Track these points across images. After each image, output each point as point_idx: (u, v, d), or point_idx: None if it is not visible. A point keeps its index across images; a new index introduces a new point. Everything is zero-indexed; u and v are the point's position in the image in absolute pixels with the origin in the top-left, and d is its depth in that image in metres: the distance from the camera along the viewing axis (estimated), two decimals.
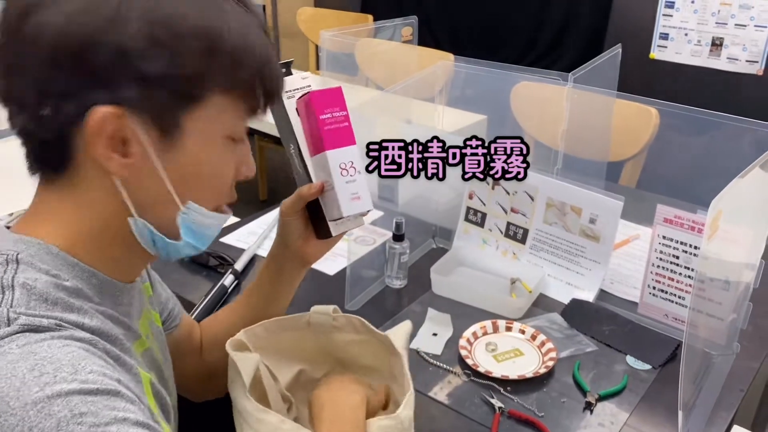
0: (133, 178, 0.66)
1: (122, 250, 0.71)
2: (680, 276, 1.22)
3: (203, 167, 0.69)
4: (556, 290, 1.36)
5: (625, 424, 1.04)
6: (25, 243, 0.65)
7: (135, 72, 0.61)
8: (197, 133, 0.66)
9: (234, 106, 0.68)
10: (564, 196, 1.34)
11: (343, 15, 3.57)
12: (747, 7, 2.83)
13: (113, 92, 0.61)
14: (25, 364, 0.54)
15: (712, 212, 0.87)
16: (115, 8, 0.60)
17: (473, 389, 1.10)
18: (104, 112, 0.61)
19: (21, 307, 0.59)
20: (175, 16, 0.62)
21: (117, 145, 0.63)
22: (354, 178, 0.89)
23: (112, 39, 0.60)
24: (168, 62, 0.62)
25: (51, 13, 0.60)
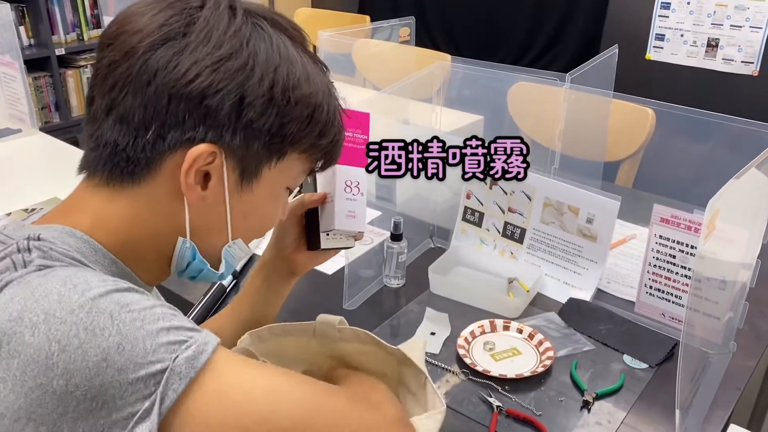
0: (201, 207, 0.70)
1: (149, 263, 0.74)
2: (677, 275, 1.22)
3: (262, 211, 0.76)
4: (554, 289, 1.37)
5: (623, 422, 1.04)
6: (46, 228, 0.67)
7: (246, 122, 0.67)
8: (269, 182, 0.73)
9: (302, 163, 0.75)
10: (561, 196, 1.34)
11: (341, 16, 3.58)
12: (742, 8, 2.84)
13: (220, 134, 0.66)
14: (54, 282, 0.58)
15: (709, 212, 0.87)
16: (244, 62, 0.66)
17: (471, 388, 1.11)
18: (205, 149, 0.66)
19: (36, 259, 0.62)
20: (293, 81, 0.68)
21: (200, 178, 0.68)
22: (355, 198, 0.93)
23: (235, 88, 0.65)
24: (275, 121, 0.68)
25: (182, 53, 0.64)
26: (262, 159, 0.70)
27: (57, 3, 4.16)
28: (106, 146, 0.67)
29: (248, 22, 0.68)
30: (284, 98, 0.68)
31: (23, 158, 2.02)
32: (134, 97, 0.65)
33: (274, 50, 0.68)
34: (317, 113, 0.71)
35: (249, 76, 0.66)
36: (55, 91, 4.21)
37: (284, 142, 0.70)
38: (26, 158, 2.04)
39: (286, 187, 0.77)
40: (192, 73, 0.64)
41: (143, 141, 0.66)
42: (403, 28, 2.36)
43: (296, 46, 0.71)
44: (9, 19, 2.12)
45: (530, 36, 3.75)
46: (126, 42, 0.66)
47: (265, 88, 0.66)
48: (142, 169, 0.67)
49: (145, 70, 0.64)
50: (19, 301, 0.57)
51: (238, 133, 0.67)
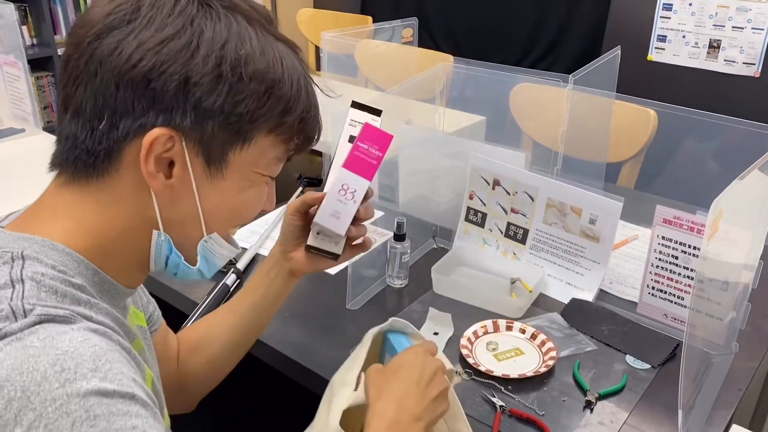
0: (170, 197, 0.69)
1: (129, 261, 0.73)
2: (679, 276, 1.23)
3: (237, 200, 0.74)
4: (556, 290, 1.37)
5: (625, 423, 1.05)
6: (27, 240, 0.66)
7: (195, 102, 0.65)
8: (239, 169, 0.71)
9: (275, 148, 0.73)
10: (564, 197, 1.35)
11: (343, 16, 3.58)
12: (744, 10, 2.84)
13: (171, 117, 0.65)
14: (47, 358, 0.55)
15: (712, 213, 0.88)
16: (188, 41, 0.65)
17: (474, 388, 1.11)
18: (160, 134, 0.65)
19: (32, 298, 0.60)
20: (242, 57, 0.66)
21: (163, 166, 0.67)
22: (346, 203, 0.95)
23: (179, 69, 0.64)
24: (228, 99, 0.66)
25: (126, 39, 0.64)
26: (225, 142, 0.68)
27: (59, 3, 4.16)
28: (68, 140, 0.68)
29: (195, 2, 0.67)
30: (234, 74, 0.66)
31: (27, 158, 2.03)
32: (84, 88, 0.65)
33: (222, 27, 0.66)
34: (276, 88, 0.69)
35: (193, 54, 0.65)
36: (57, 90, 4.22)
37: (241, 121, 0.68)
38: (29, 157, 2.04)
39: (262, 175, 0.74)
40: (135, 58, 0.64)
41: (99, 132, 0.66)
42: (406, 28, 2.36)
43: (253, 23, 0.69)
44: (13, 19, 2.12)
45: (532, 37, 3.75)
46: (76, 35, 0.67)
47: (210, 66, 0.65)
48: (103, 161, 0.67)
49: (91, 60, 0.65)
50: (8, 367, 0.55)
51: (189, 114, 0.66)
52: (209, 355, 1.02)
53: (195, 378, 1.01)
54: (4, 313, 0.58)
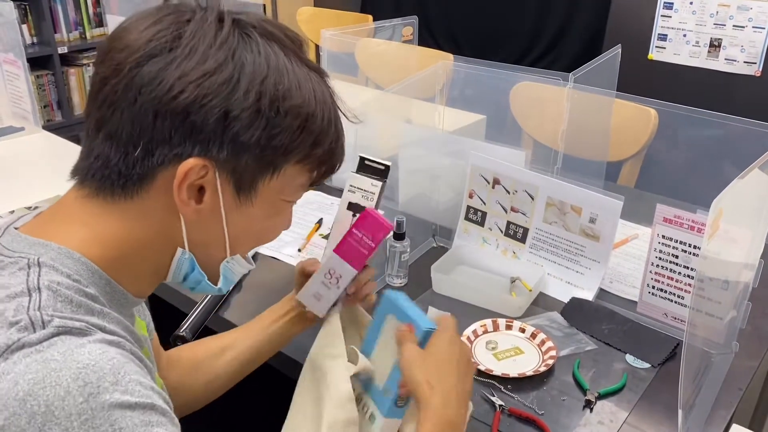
0: (197, 221, 0.70)
1: (145, 273, 0.74)
2: (679, 275, 1.22)
3: (262, 225, 0.76)
4: (556, 289, 1.37)
5: (625, 422, 1.04)
6: (44, 247, 0.67)
7: (233, 135, 0.66)
8: (266, 198, 0.72)
9: (301, 176, 0.74)
10: (564, 196, 1.35)
11: (343, 15, 3.58)
12: (745, 9, 2.84)
13: (207, 148, 0.66)
14: (69, 372, 0.56)
15: (713, 212, 0.87)
16: (230, 75, 0.65)
17: (474, 387, 1.11)
18: (195, 164, 0.66)
19: (49, 308, 0.61)
20: (281, 92, 0.67)
21: (194, 192, 0.68)
22: (330, 287, 0.97)
23: (220, 103, 0.65)
24: (264, 133, 0.67)
25: (167, 68, 0.64)
26: (256, 172, 0.70)
27: (60, 1, 4.16)
28: (98, 159, 0.67)
29: (236, 33, 0.67)
30: (272, 109, 0.67)
31: (26, 156, 2.03)
32: (122, 113, 0.65)
33: (263, 61, 0.67)
34: (309, 122, 0.70)
35: (234, 89, 0.65)
36: (57, 89, 4.22)
37: (276, 153, 0.69)
38: (29, 156, 2.04)
39: (287, 201, 0.76)
40: (177, 89, 0.64)
41: (133, 157, 0.66)
42: (406, 27, 2.36)
43: (289, 54, 0.70)
44: (12, 17, 2.12)
45: (533, 36, 3.75)
46: (114, 58, 0.66)
47: (251, 101, 0.66)
48: (134, 184, 0.67)
49: (131, 86, 0.64)
50: (30, 381, 0.56)
51: (226, 146, 0.66)
52: (207, 380, 1.03)
53: (190, 396, 1.02)
54: (23, 323, 0.59)
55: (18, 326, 0.59)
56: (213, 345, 1.06)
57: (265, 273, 1.42)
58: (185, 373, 1.02)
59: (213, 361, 1.03)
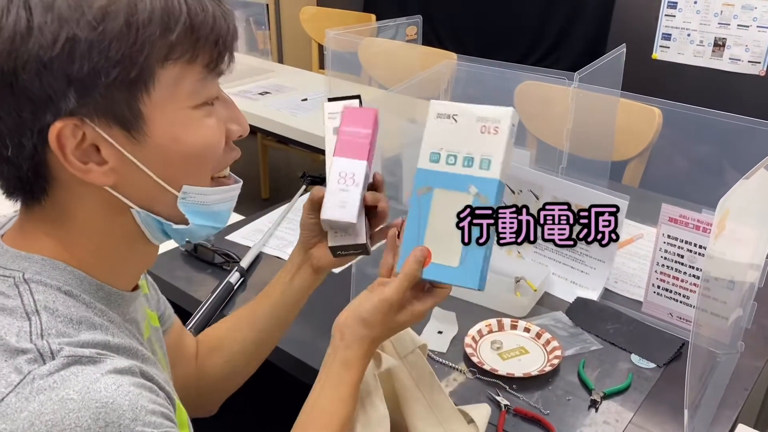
0: (117, 180, 0.63)
1: (124, 255, 0.70)
2: (685, 275, 1.22)
3: (183, 146, 0.65)
4: (561, 289, 1.37)
5: (630, 422, 1.04)
6: (27, 260, 0.64)
7: (66, 79, 0.57)
8: (161, 115, 0.63)
9: (185, 72, 0.63)
10: (569, 195, 1.34)
11: (346, 14, 3.58)
12: (750, 8, 2.83)
13: (57, 107, 0.58)
14: (88, 413, 0.55)
15: (719, 212, 0.87)
16: (13, 24, 0.56)
17: (479, 387, 1.11)
18: (59, 129, 0.59)
19: (52, 332, 0.59)
20: (79, 5, 0.57)
21: (90, 155, 0.61)
22: (348, 189, 0.89)
23: (27, 56, 0.56)
24: (92, 57, 0.57)
25: None
26: (126, 99, 0.60)
27: None
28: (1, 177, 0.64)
29: None
30: (82, 28, 0.57)
31: None
32: None
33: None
34: (133, 15, 0.58)
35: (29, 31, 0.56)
36: None
37: (125, 68, 0.59)
38: None
39: (194, 105, 0.65)
40: None
41: (14, 159, 0.60)
42: (410, 26, 2.36)
43: None
44: None
45: (536, 35, 3.75)
46: None
47: (53, 32, 0.56)
48: (36, 181, 0.62)
49: None
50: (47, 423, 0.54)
51: (72, 93, 0.58)
52: (229, 356, 0.99)
53: (214, 379, 0.99)
54: (32, 355, 0.57)
55: (26, 357, 0.56)
56: (229, 320, 1.03)
57: (269, 272, 1.42)
58: (205, 355, 1.00)
59: (231, 334, 0.99)
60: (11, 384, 0.55)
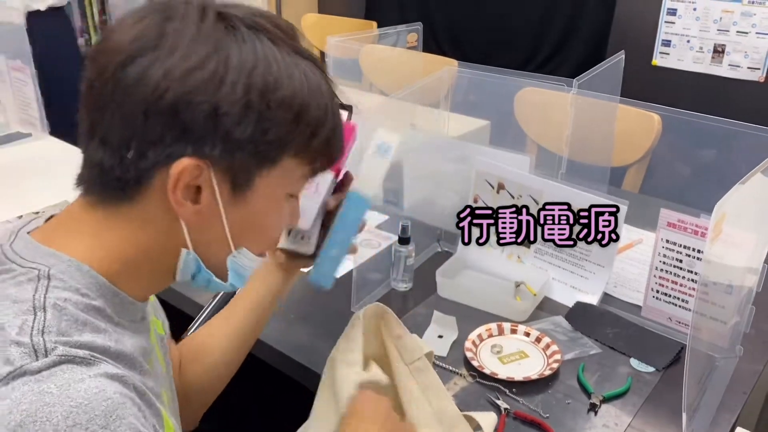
0: (197, 221, 0.69)
1: (153, 276, 0.74)
2: (683, 279, 1.23)
3: (262, 221, 0.74)
4: (561, 293, 1.38)
5: (629, 425, 1.05)
6: (56, 258, 0.67)
7: (224, 132, 0.64)
8: (264, 191, 0.70)
9: (300, 168, 0.72)
10: (568, 200, 1.35)
11: (348, 21, 3.60)
12: (749, 15, 2.85)
13: (199, 146, 0.64)
14: (61, 409, 0.56)
15: (715, 216, 0.88)
16: (214, 70, 0.63)
17: (479, 390, 1.11)
18: (188, 164, 0.64)
19: (53, 330, 0.60)
20: (270, 84, 0.65)
21: (190, 193, 0.67)
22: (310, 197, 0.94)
23: (207, 99, 0.63)
24: (257, 127, 0.65)
25: (152, 66, 0.63)
26: (252, 168, 0.68)
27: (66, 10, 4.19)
28: (95, 167, 0.67)
29: (220, 25, 0.65)
30: (263, 102, 0.65)
31: (33, 162, 2.04)
32: (111, 116, 0.64)
33: (249, 52, 0.65)
34: (303, 113, 0.68)
35: (221, 83, 0.63)
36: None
37: (271, 148, 0.67)
38: (36, 162, 2.05)
39: (288, 194, 0.74)
40: (162, 88, 0.62)
41: (127, 161, 0.65)
42: (411, 33, 2.37)
43: (279, 44, 0.67)
44: (20, 24, 2.14)
45: (537, 42, 3.76)
46: (99, 61, 0.65)
47: (239, 95, 0.64)
48: (132, 187, 0.66)
49: (117, 88, 0.63)
50: (23, 412, 0.55)
51: (218, 144, 0.64)
52: (209, 363, 1.01)
53: (196, 388, 1.00)
54: (26, 350, 0.59)
55: (20, 351, 0.58)
56: (205, 330, 1.05)
57: None
58: (186, 364, 1.01)
59: (208, 344, 1.02)
60: (0, 374, 0.57)
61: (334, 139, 0.73)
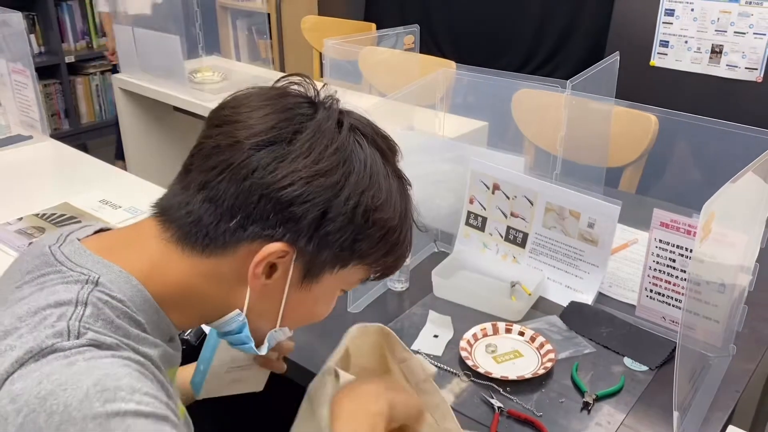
0: (260, 293, 0.74)
1: (193, 315, 0.78)
2: (677, 279, 1.24)
3: (313, 307, 0.80)
4: (556, 293, 1.38)
5: (622, 423, 1.06)
6: (107, 268, 0.71)
7: (323, 233, 0.71)
8: (326, 284, 0.77)
9: (363, 272, 0.79)
10: (563, 201, 1.36)
11: (346, 23, 3.60)
12: (746, 15, 2.85)
13: (295, 236, 0.70)
14: (90, 378, 0.60)
15: (704, 215, 0.89)
16: (336, 181, 0.69)
17: (473, 389, 1.12)
18: (279, 248, 0.70)
19: (89, 320, 0.65)
20: (374, 206, 0.72)
21: (264, 268, 0.72)
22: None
23: (322, 202, 0.69)
24: (351, 237, 0.72)
25: (284, 159, 0.68)
26: (327, 265, 0.74)
27: (67, 11, 4.21)
28: (191, 215, 0.71)
29: (350, 138, 0.72)
30: (364, 218, 0.72)
31: (34, 164, 2.06)
32: (228, 184, 0.69)
33: (367, 172, 0.71)
34: (390, 235, 0.75)
35: (338, 193, 0.70)
36: (64, 98, 4.26)
37: (353, 255, 0.74)
38: (37, 164, 2.07)
39: (342, 289, 0.82)
40: (287, 181, 0.68)
41: (225, 226, 0.70)
42: (408, 35, 2.38)
43: (387, 165, 0.75)
44: (21, 27, 2.15)
45: (535, 43, 3.76)
46: (234, 133, 0.70)
47: (349, 208, 0.70)
48: (217, 247, 0.71)
49: (245, 165, 0.68)
50: (53, 382, 0.59)
51: (314, 240, 0.71)
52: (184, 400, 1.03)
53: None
54: (58, 329, 0.63)
55: (54, 331, 0.62)
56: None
57: None
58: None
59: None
60: (31, 351, 0.61)
61: (402, 260, 0.81)
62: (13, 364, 0.60)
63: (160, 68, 2.74)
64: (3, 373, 0.60)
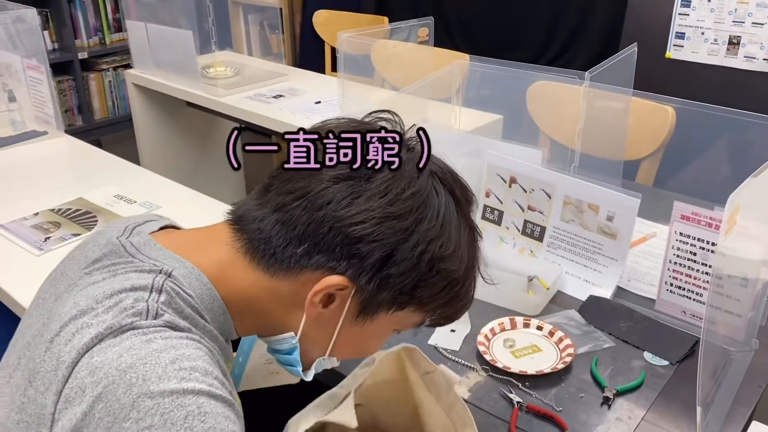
0: (315, 320, 0.75)
1: (250, 324, 0.79)
2: (698, 273, 1.22)
3: (364, 342, 0.81)
4: (574, 287, 1.37)
5: (643, 419, 1.04)
6: (180, 263, 0.73)
7: (385, 274, 0.71)
8: (381, 324, 0.77)
9: (419, 317, 0.79)
10: (581, 194, 1.35)
11: (359, 17, 3.59)
12: (764, 6, 2.81)
13: (357, 273, 0.71)
14: (168, 355, 0.63)
15: (729, 208, 0.87)
16: (407, 226, 0.70)
17: (492, 384, 1.11)
18: (339, 282, 0.71)
19: (163, 305, 0.68)
20: (441, 256, 0.72)
21: (323, 299, 0.73)
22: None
23: (389, 245, 0.69)
24: (412, 282, 0.72)
25: (359, 197, 0.69)
26: (384, 305, 0.74)
27: (80, 7, 4.22)
28: (261, 232, 0.72)
29: (428, 184, 0.72)
30: (428, 267, 0.71)
31: (49, 160, 2.06)
32: (303, 212, 0.70)
33: (438, 222, 0.71)
34: (452, 285, 0.75)
35: (406, 239, 0.69)
36: (78, 94, 4.27)
37: (412, 300, 0.74)
38: (52, 160, 2.07)
39: (395, 330, 0.81)
40: (359, 218, 0.68)
41: (293, 251, 0.71)
42: (422, 28, 2.37)
43: (460, 215, 0.74)
44: (35, 23, 2.16)
45: (549, 35, 3.74)
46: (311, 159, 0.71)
47: (415, 254, 0.70)
48: (281, 269, 0.72)
49: (322, 195, 0.69)
50: (133, 356, 0.62)
51: (374, 280, 0.71)
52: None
53: None
54: (138, 309, 0.66)
55: (134, 311, 0.65)
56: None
57: None
58: None
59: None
60: (111, 327, 0.64)
61: (461, 312, 0.81)
62: (92, 339, 0.63)
63: (173, 64, 2.74)
64: (82, 347, 0.63)
